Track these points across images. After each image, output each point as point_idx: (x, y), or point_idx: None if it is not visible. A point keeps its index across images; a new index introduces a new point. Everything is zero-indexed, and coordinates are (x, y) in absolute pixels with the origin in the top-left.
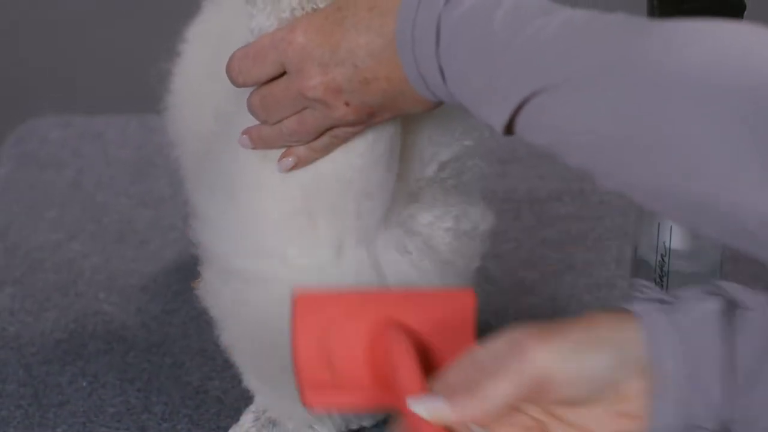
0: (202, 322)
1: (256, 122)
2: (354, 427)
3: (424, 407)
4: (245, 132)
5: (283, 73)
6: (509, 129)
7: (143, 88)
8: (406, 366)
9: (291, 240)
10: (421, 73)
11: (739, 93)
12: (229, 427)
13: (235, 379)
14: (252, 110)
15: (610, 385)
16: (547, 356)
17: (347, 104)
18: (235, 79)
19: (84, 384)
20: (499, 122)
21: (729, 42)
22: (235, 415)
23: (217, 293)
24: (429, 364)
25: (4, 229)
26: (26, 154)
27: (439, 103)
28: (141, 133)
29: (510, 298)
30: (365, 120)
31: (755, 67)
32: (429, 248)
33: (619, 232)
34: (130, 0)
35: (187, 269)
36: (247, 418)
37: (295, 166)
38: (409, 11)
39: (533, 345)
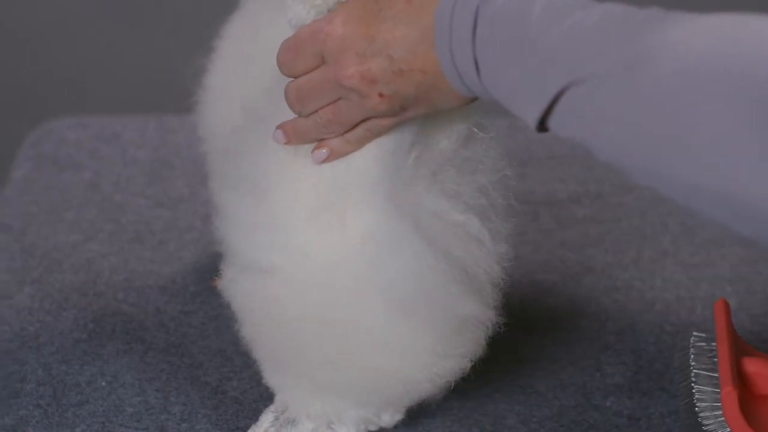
0: (220, 323)
1: (287, 119)
2: (373, 428)
3: None
4: (279, 127)
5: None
6: (542, 124)
7: (161, 89)
8: None
9: (319, 236)
10: (456, 67)
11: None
12: (248, 427)
13: (254, 379)
14: (288, 101)
15: None
16: None
17: (381, 95)
18: (280, 68)
19: (103, 384)
20: (533, 116)
21: (761, 35)
22: (254, 416)
23: (240, 288)
24: None
25: (22, 229)
26: (44, 155)
27: (474, 99)
28: (159, 134)
29: (528, 300)
30: (398, 112)
31: None
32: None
33: (638, 235)
34: (149, 1)
35: (205, 270)
36: (266, 418)
37: (329, 158)
38: (446, 4)
39: None
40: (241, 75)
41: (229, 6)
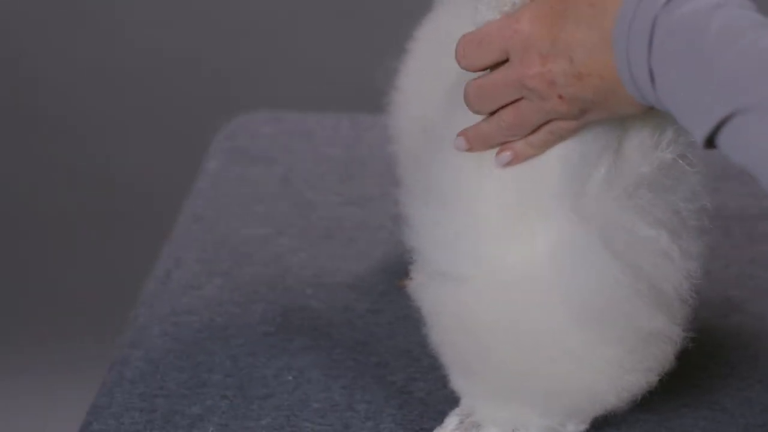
0: (408, 323)
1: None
2: None
3: None
4: (461, 133)
5: (503, 62)
6: (711, 142)
7: (355, 87)
8: None
9: (509, 246)
10: (633, 75)
11: None
12: (432, 428)
13: (440, 381)
14: (468, 99)
15: None
16: None
17: (561, 97)
18: (459, 61)
19: (289, 378)
20: (700, 135)
21: None
22: (439, 418)
23: (430, 293)
24: None
25: (214, 221)
26: (237, 148)
27: (651, 107)
28: (352, 132)
29: (718, 316)
30: (578, 116)
31: None
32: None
33: None
34: (347, 1)
35: (394, 269)
36: (451, 421)
37: (512, 162)
38: (627, 11)
39: None
40: (432, 78)
41: (424, 7)
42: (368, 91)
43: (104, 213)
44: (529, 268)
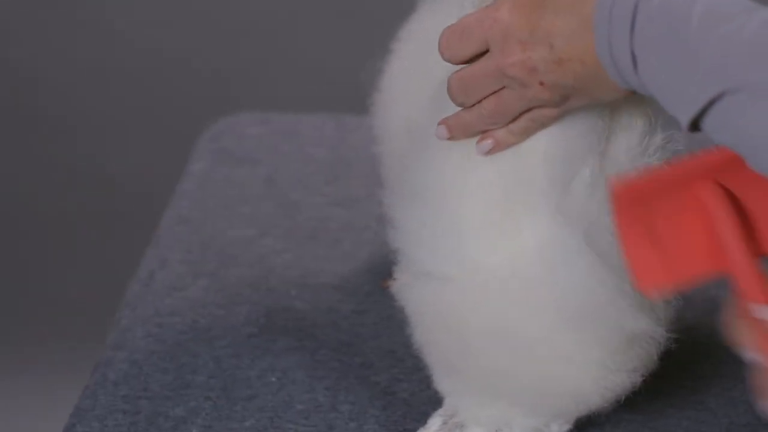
0: (392, 324)
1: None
2: None
3: None
4: (442, 122)
5: (485, 52)
6: (695, 125)
7: (341, 89)
8: (738, 244)
9: (492, 246)
10: (614, 59)
11: None
12: (416, 429)
13: (424, 382)
14: (451, 91)
15: None
16: None
17: (542, 84)
18: (442, 54)
19: (273, 379)
20: (685, 118)
21: None
22: (423, 418)
23: (414, 294)
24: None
25: (199, 222)
26: (223, 149)
27: (632, 91)
28: (337, 133)
29: (702, 316)
30: (559, 102)
31: None
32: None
33: None
34: (332, 1)
35: (379, 270)
36: (434, 422)
37: (493, 150)
38: None
39: None
40: (416, 78)
41: (408, 8)
42: (353, 92)
43: (89, 214)
44: (513, 269)
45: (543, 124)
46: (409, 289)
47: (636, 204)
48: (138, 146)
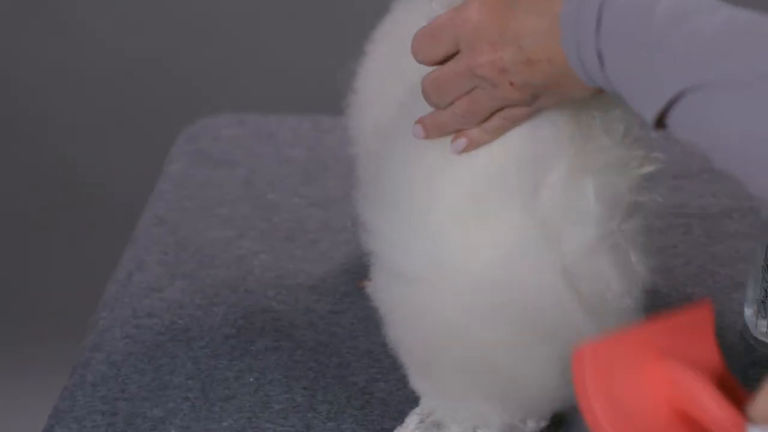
0: (369, 324)
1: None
2: None
3: None
4: (418, 121)
5: (457, 53)
6: (660, 122)
7: (317, 90)
8: (715, 399)
9: (465, 246)
10: (581, 58)
11: None
12: (393, 428)
13: (401, 381)
14: (425, 93)
15: None
16: None
17: (512, 84)
18: (415, 56)
19: (251, 380)
20: (650, 114)
21: None
22: (400, 417)
23: (386, 293)
24: None
25: (176, 224)
26: (200, 151)
27: (600, 90)
28: (313, 134)
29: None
30: (530, 102)
31: None
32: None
33: None
34: (307, 3)
35: (356, 271)
36: (411, 420)
37: (467, 148)
38: None
39: None
40: (389, 79)
41: (382, 9)
42: (329, 92)
43: (66, 216)
44: (480, 269)
45: (516, 122)
46: (382, 290)
47: (601, 369)
48: (115, 148)
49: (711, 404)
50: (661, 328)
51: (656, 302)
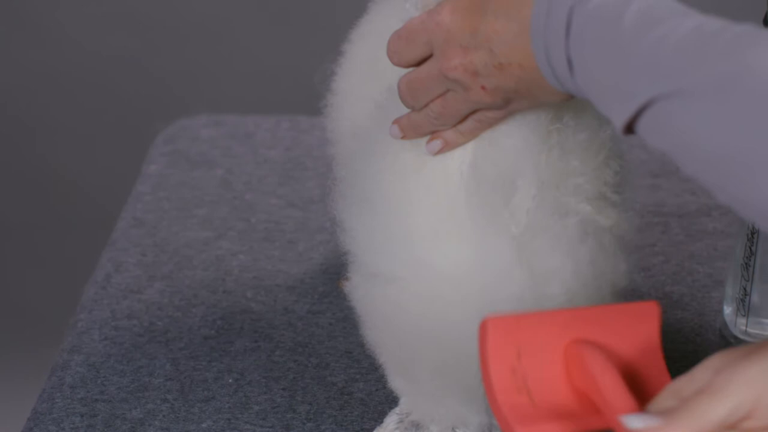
0: (348, 324)
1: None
2: None
3: (642, 424)
4: (395, 121)
5: (431, 55)
6: (630, 128)
7: (294, 90)
8: (614, 384)
9: (441, 247)
10: (551, 64)
11: None
12: (372, 428)
13: (380, 381)
14: (401, 95)
15: None
16: (761, 376)
17: (484, 88)
18: (390, 58)
19: (230, 381)
20: (619, 121)
21: None
22: (379, 417)
23: (364, 294)
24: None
25: (154, 225)
26: (177, 152)
27: (571, 95)
28: (291, 135)
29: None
30: (502, 105)
31: None
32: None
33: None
34: (284, 3)
35: (334, 271)
36: (390, 420)
37: (443, 149)
38: (543, 1)
39: (746, 365)
40: (366, 79)
41: (359, 9)
42: (307, 93)
43: (44, 217)
44: (452, 271)
45: (490, 124)
46: (358, 289)
47: (507, 342)
48: (92, 149)
49: (608, 388)
50: (590, 315)
51: (634, 301)
